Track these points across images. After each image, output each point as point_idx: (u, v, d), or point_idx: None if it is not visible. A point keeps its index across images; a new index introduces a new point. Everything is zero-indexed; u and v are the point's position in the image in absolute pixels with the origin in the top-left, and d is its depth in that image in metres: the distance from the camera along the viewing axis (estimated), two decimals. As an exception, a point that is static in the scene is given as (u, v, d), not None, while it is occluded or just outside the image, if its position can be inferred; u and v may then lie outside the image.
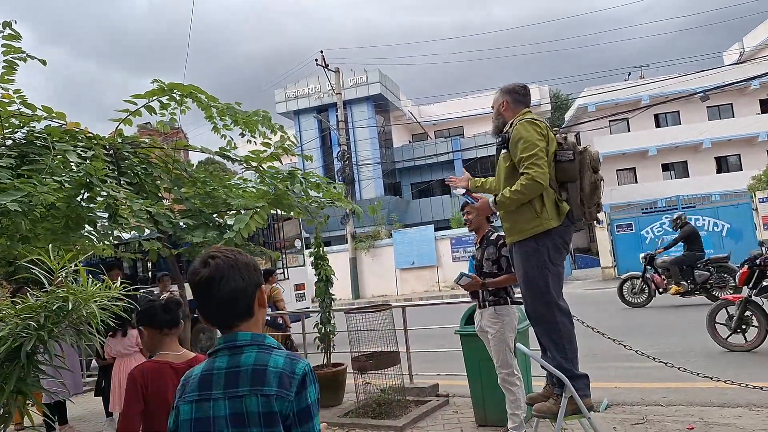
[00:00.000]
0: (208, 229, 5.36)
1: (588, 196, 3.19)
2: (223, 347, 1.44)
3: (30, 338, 2.09)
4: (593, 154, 3.25)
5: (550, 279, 3.12)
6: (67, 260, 2.25)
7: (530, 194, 3.07)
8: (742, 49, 32.84)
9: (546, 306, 3.13)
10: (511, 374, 3.90)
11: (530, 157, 3.05)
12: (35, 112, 4.12)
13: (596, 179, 3.22)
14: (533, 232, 3.11)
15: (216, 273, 1.42)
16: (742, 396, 4.72)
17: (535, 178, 3.01)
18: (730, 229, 18.74)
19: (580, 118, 33.29)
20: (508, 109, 3.40)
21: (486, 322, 3.99)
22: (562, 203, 3.15)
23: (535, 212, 3.11)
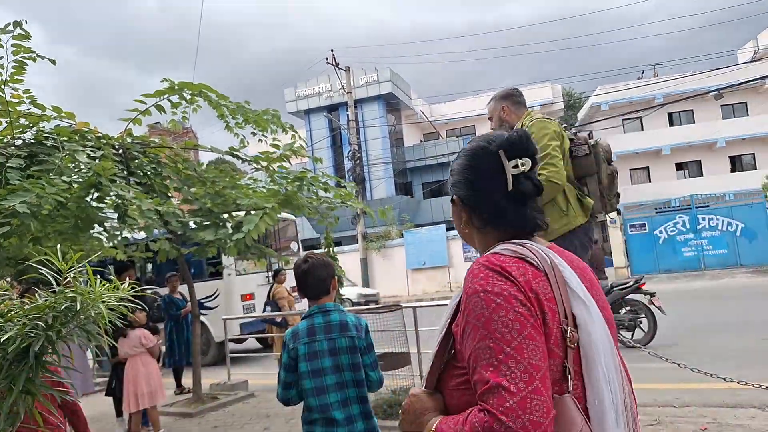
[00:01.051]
0: (219, 229, 5.38)
1: (607, 188, 3.22)
2: (317, 312, 2.50)
3: (38, 338, 2.09)
4: (605, 146, 3.26)
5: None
6: (75, 260, 2.24)
7: (548, 195, 3.04)
8: (757, 47, 32.38)
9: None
10: None
11: (544, 158, 3.02)
12: (45, 112, 4.14)
13: (612, 170, 3.25)
14: (563, 231, 3.07)
15: (311, 267, 2.51)
16: (756, 397, 4.66)
17: (550, 178, 2.99)
18: (744, 228, 18.52)
19: (593, 116, 33.04)
20: (510, 113, 3.38)
21: None
22: (586, 198, 3.14)
23: (561, 211, 3.08)
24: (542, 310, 0.99)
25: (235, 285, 10.35)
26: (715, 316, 9.64)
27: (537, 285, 1.01)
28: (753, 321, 8.61)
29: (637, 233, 19.90)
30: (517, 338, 0.94)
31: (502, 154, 1.15)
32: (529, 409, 0.89)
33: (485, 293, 0.99)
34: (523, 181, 1.16)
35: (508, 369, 0.92)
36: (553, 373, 0.97)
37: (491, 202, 1.16)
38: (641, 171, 32.44)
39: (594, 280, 1.19)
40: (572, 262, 1.15)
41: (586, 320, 1.01)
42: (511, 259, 1.05)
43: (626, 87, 31.16)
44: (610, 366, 1.02)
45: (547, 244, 1.20)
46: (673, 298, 12.77)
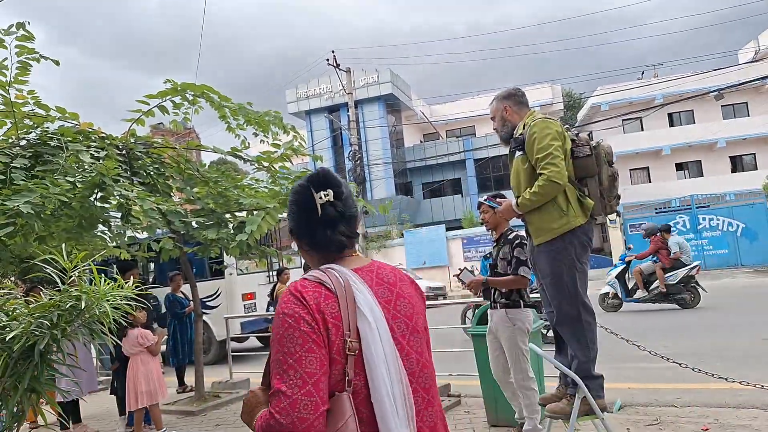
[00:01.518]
0: (221, 228, 5.39)
1: (607, 189, 3.20)
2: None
3: (43, 337, 2.10)
4: (606, 147, 3.25)
5: (578, 278, 3.10)
6: (80, 259, 2.26)
7: (549, 194, 3.05)
8: (758, 47, 32.37)
9: (574, 306, 3.10)
10: (526, 378, 3.87)
11: (546, 157, 3.03)
12: (49, 113, 4.16)
13: (613, 172, 3.24)
14: (562, 230, 3.08)
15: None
16: (757, 397, 4.66)
17: (551, 178, 2.99)
18: (744, 229, 18.52)
19: (593, 117, 33.04)
20: (512, 113, 3.39)
21: (497, 325, 3.96)
22: (586, 199, 3.13)
23: (561, 211, 3.08)
24: (327, 326, 1.23)
25: (236, 284, 10.36)
26: (716, 316, 9.66)
27: (325, 306, 1.25)
28: (754, 321, 8.62)
29: (637, 233, 19.88)
30: (299, 352, 1.19)
31: (312, 189, 1.41)
32: (299, 408, 1.14)
33: (282, 315, 1.24)
34: (328, 208, 1.40)
35: (288, 377, 1.17)
36: (335, 376, 1.22)
37: (309, 229, 1.41)
38: (641, 171, 32.43)
39: (404, 294, 1.42)
40: (381, 281, 1.40)
41: (368, 333, 1.25)
42: (311, 284, 1.30)
43: (626, 87, 31.14)
44: (392, 368, 1.26)
45: (364, 264, 1.43)
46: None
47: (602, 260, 27.18)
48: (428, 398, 1.35)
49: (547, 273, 3.17)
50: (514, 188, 3.36)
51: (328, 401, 1.19)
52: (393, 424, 1.21)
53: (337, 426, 1.18)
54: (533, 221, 3.21)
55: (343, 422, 1.18)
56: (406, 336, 1.35)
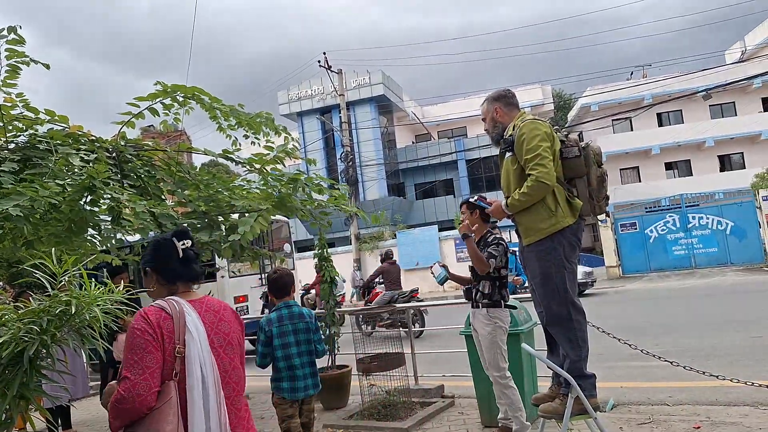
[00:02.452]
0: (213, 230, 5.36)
1: (596, 190, 3.22)
2: (284, 306, 3.74)
3: (33, 342, 2.08)
4: (595, 148, 3.28)
5: (567, 278, 3.12)
6: (70, 264, 2.23)
7: (537, 195, 3.07)
8: (744, 47, 32.72)
9: (564, 305, 3.12)
10: (503, 377, 3.90)
11: (534, 158, 3.06)
12: (38, 116, 4.11)
13: (601, 172, 3.26)
14: (551, 230, 3.10)
15: (279, 276, 3.79)
16: (748, 395, 4.70)
17: (539, 178, 3.02)
18: (734, 227, 18.69)
19: (583, 117, 33.24)
20: (503, 114, 3.42)
21: (478, 323, 3.98)
22: (575, 200, 3.15)
23: (550, 211, 3.11)
24: (163, 337, 1.84)
25: (228, 287, 10.33)
26: (707, 314, 9.73)
27: (164, 324, 1.86)
28: (744, 319, 8.69)
29: (628, 232, 20.03)
30: (141, 353, 1.79)
31: (175, 239, 2.06)
32: (137, 388, 1.74)
33: (133, 328, 1.83)
34: (188, 251, 2.06)
35: (133, 368, 1.78)
36: (167, 370, 1.82)
37: (169, 266, 2.03)
38: (631, 171, 32.65)
39: (225, 319, 2.06)
40: (209, 309, 2.02)
41: (191, 342, 1.86)
42: (155, 309, 1.90)
43: (615, 88, 31.35)
44: (207, 366, 1.87)
45: (197, 297, 2.06)
46: (665, 297, 12.89)
47: (593, 259, 27.35)
48: (237, 389, 2.03)
49: (537, 273, 3.19)
50: (504, 189, 3.38)
51: (159, 385, 1.79)
52: (198, 401, 1.83)
53: (164, 401, 1.78)
54: (522, 221, 3.23)
55: (168, 398, 1.78)
56: (223, 346, 2.00)
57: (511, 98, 3.46)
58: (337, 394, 5.95)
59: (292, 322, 3.69)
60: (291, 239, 12.67)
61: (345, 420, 5.18)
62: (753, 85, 28.91)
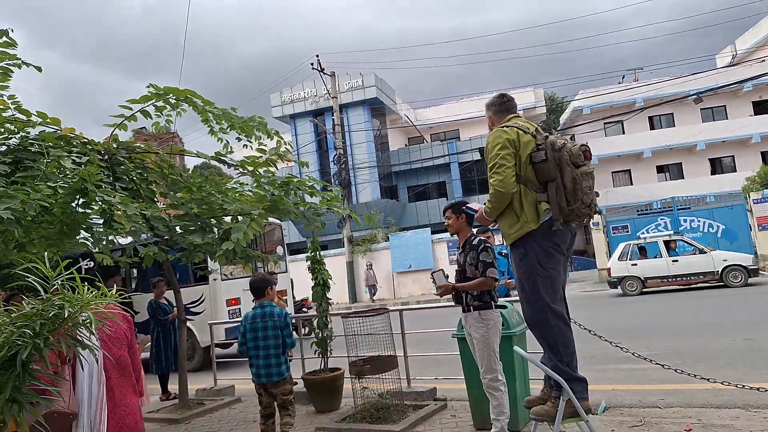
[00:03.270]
0: (206, 233, 5.35)
1: (571, 193, 3.04)
2: (258, 306, 4.41)
3: (26, 346, 2.07)
4: (572, 149, 3.08)
5: (540, 283, 3.14)
6: (63, 267, 2.23)
7: (498, 202, 3.16)
8: (735, 51, 33.02)
9: (538, 310, 3.16)
10: (495, 379, 3.91)
11: (492, 167, 3.15)
12: (30, 118, 4.10)
13: (576, 174, 3.05)
14: (517, 235, 3.17)
15: (256, 280, 4.52)
16: (739, 397, 4.73)
17: (495, 186, 3.11)
18: (725, 230, 18.82)
19: (575, 120, 33.39)
20: (494, 122, 3.48)
21: (471, 326, 4.00)
22: (541, 204, 3.13)
23: (515, 216, 3.18)
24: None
25: (220, 290, 10.29)
26: (699, 317, 9.79)
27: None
28: (736, 321, 8.76)
29: (620, 235, 20.12)
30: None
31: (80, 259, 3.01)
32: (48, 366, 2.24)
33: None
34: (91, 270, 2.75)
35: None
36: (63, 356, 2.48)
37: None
38: (623, 174, 32.83)
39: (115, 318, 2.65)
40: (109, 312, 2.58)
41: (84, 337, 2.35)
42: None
43: (607, 91, 31.50)
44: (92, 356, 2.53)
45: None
46: (657, 299, 12.96)
47: (586, 262, 27.45)
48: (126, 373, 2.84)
49: (516, 278, 3.32)
50: None
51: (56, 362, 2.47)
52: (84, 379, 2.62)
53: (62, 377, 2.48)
54: (499, 226, 3.36)
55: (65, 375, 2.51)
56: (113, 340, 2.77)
57: (500, 105, 3.48)
58: (330, 397, 5.95)
59: (263, 320, 4.36)
60: (284, 242, 12.64)
61: (337, 423, 5.17)
62: (744, 89, 29.16)
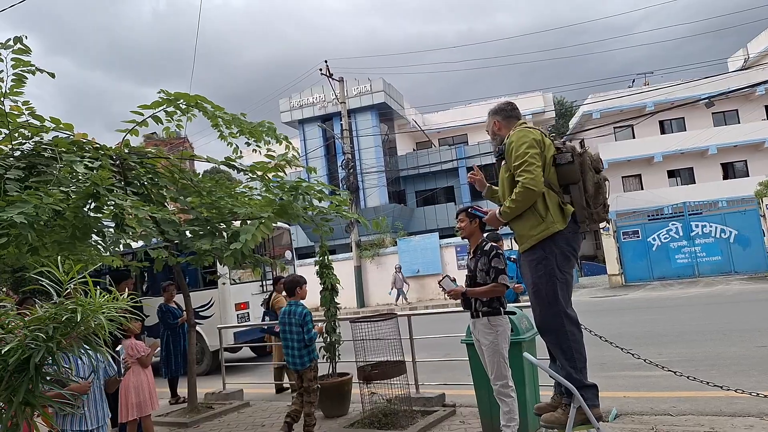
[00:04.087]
0: (215, 238, 5.38)
1: (593, 197, 3.20)
2: (289, 304, 5.18)
3: (39, 349, 2.09)
4: (593, 155, 3.28)
5: (558, 288, 3.12)
6: (76, 271, 2.25)
7: (525, 201, 3.11)
8: (747, 55, 32.77)
9: (555, 315, 3.12)
10: (506, 386, 3.87)
11: (521, 165, 3.11)
12: (43, 124, 4.15)
13: (599, 179, 3.24)
14: (541, 236, 3.13)
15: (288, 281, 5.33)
16: (753, 405, 4.67)
17: (526, 184, 3.07)
18: (737, 235, 18.61)
19: (585, 125, 33.26)
20: (501, 127, 3.49)
21: (480, 332, 3.97)
22: (566, 206, 3.16)
23: (540, 217, 3.14)
24: None
25: (229, 294, 10.33)
26: (711, 323, 9.69)
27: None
28: (749, 328, 8.65)
29: (630, 240, 19.97)
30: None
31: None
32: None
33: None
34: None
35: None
36: None
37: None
38: (633, 178, 32.62)
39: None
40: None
41: None
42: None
43: (617, 95, 31.39)
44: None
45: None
46: (668, 305, 12.85)
47: (596, 267, 27.29)
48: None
49: (529, 282, 3.24)
50: (501, 197, 3.44)
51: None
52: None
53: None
54: (515, 228, 3.28)
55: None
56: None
57: (509, 111, 3.51)
58: (338, 402, 5.94)
59: (289, 317, 5.05)
60: (292, 246, 12.67)
61: (346, 428, 5.16)
62: (756, 93, 28.93)
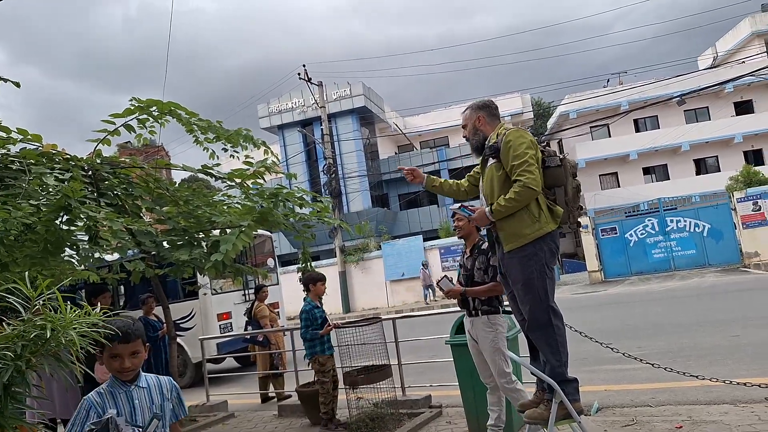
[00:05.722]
0: (194, 248, 5.31)
1: (572, 200, 3.31)
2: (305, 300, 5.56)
3: (7, 369, 2.03)
4: (571, 161, 3.40)
5: (547, 283, 3.17)
6: (45, 287, 2.19)
7: (524, 200, 3.14)
8: (716, 53, 33.53)
9: (545, 311, 3.17)
10: (510, 381, 3.88)
11: (521, 164, 3.12)
12: (10, 135, 4.06)
13: (577, 184, 3.37)
14: (534, 236, 3.16)
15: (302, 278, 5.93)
16: (727, 393, 4.79)
17: (528, 184, 3.08)
18: (710, 229, 18.99)
19: (562, 125, 33.67)
20: (485, 124, 3.48)
21: (479, 331, 3.96)
22: (556, 207, 3.24)
23: (534, 217, 3.17)
24: None
25: (211, 304, 10.21)
26: (687, 315, 9.86)
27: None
28: (723, 319, 8.83)
29: (609, 237, 20.25)
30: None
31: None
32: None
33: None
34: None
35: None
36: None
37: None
38: (610, 176, 33.10)
39: None
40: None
41: None
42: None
43: (593, 95, 31.85)
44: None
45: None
46: (646, 300, 13.04)
47: (576, 265, 27.58)
48: None
49: (519, 279, 3.22)
50: (488, 196, 3.40)
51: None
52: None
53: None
54: (505, 227, 3.26)
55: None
56: None
57: (495, 110, 3.55)
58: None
59: (300, 313, 5.55)
60: (274, 253, 12.59)
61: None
62: (725, 90, 29.56)
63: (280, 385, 7.81)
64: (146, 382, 2.26)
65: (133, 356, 2.21)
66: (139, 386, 2.24)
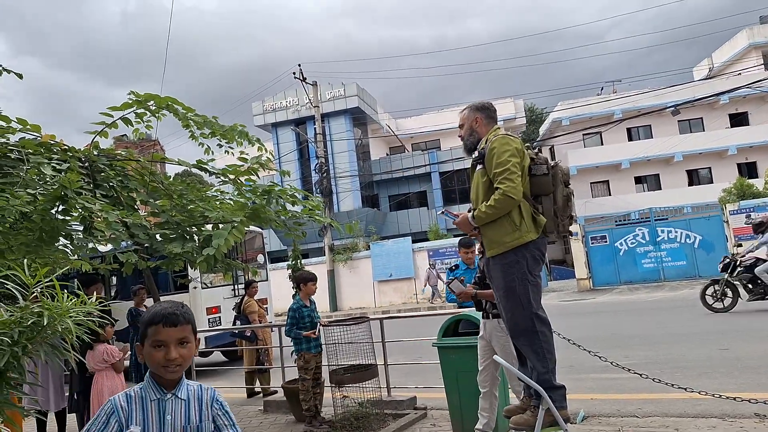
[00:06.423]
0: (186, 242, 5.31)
1: (561, 209, 3.27)
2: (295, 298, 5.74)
3: (3, 354, 2.04)
4: (564, 168, 3.35)
5: (530, 290, 3.17)
6: (42, 275, 2.20)
7: (503, 208, 3.13)
8: (711, 64, 33.85)
9: (528, 317, 3.17)
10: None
11: (503, 173, 3.12)
12: (9, 125, 4.04)
13: (568, 192, 3.32)
14: (513, 244, 3.16)
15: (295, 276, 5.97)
16: (716, 407, 4.78)
17: (507, 192, 3.08)
18: (702, 240, 19.10)
19: (555, 131, 33.84)
20: (481, 125, 3.48)
21: (491, 334, 3.98)
22: (539, 216, 3.21)
23: (514, 225, 3.16)
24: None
25: (201, 298, 10.20)
26: (675, 326, 9.94)
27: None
28: (712, 331, 8.89)
29: (598, 245, 20.36)
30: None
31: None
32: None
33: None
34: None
35: None
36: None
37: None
38: (601, 184, 33.30)
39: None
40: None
41: None
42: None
43: (586, 103, 32.03)
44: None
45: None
46: (635, 309, 13.14)
47: (565, 272, 27.74)
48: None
49: (501, 285, 3.23)
50: (473, 201, 3.41)
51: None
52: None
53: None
54: (487, 234, 3.28)
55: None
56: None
57: (493, 112, 3.53)
58: (311, 407, 5.91)
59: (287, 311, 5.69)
60: (264, 250, 12.58)
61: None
62: (720, 102, 29.83)
63: (266, 380, 7.81)
64: (186, 393, 1.75)
65: (182, 345, 1.70)
66: (177, 396, 1.72)
